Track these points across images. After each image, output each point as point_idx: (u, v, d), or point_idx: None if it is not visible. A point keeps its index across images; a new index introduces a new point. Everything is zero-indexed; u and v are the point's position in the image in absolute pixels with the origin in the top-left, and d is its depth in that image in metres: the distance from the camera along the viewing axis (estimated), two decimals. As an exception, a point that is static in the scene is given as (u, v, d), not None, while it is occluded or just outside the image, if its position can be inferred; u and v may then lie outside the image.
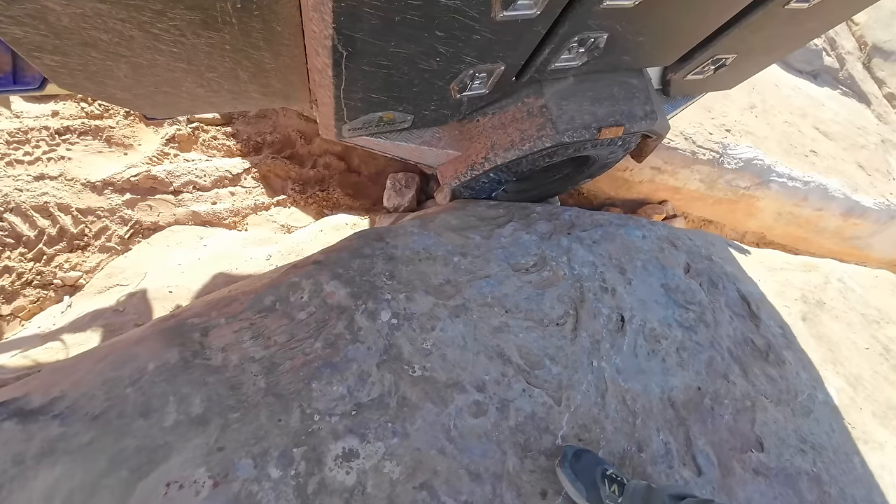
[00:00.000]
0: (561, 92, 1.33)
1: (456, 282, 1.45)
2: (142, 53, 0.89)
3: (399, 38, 0.86)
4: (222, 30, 0.87)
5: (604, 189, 2.69)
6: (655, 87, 1.65)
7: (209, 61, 0.97)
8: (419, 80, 1.06)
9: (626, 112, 1.39)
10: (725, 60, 1.44)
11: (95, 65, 0.89)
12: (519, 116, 1.34)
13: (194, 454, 0.96)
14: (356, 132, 1.25)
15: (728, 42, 1.31)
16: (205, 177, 2.09)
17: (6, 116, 1.90)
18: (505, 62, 1.10)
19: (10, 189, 1.75)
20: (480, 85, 1.19)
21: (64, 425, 0.99)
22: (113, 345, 1.27)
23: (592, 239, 1.67)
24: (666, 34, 1.23)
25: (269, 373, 1.14)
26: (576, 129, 1.33)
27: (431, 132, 1.43)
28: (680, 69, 1.48)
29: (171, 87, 1.06)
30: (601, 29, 1.08)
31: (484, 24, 0.89)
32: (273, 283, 1.41)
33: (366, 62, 0.91)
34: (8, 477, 0.90)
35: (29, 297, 1.67)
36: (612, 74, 1.38)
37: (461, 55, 0.99)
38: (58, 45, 0.81)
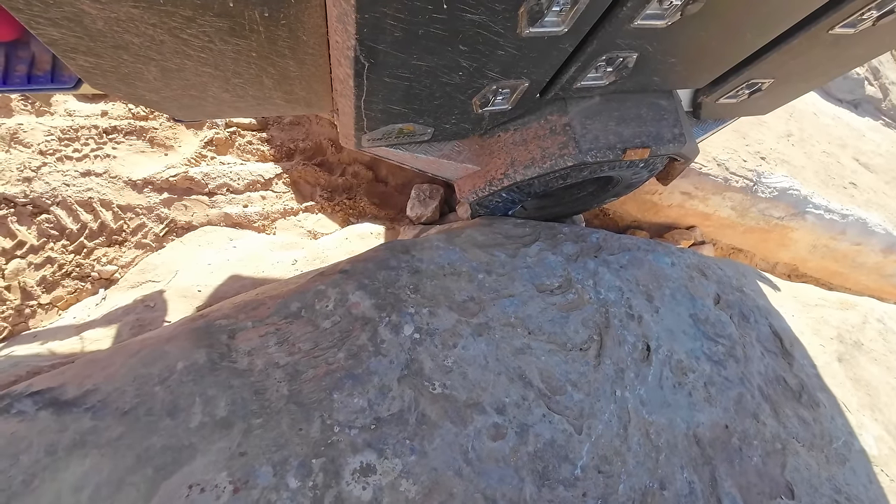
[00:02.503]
0: (586, 110, 1.31)
1: (480, 299, 1.44)
2: (171, 57, 0.92)
3: (422, 50, 0.86)
4: (249, 37, 0.90)
5: (631, 211, 2.65)
6: (686, 109, 1.61)
7: (235, 67, 1.00)
8: (441, 94, 1.05)
9: (653, 134, 1.36)
10: (761, 85, 1.39)
11: (127, 67, 0.93)
12: (541, 133, 1.33)
13: (217, 458, 0.97)
14: (375, 142, 1.25)
15: (765, 66, 1.27)
16: (238, 180, 2.15)
17: (60, 115, 2.01)
18: (529, 78, 1.09)
19: (58, 183, 1.84)
20: (503, 100, 1.18)
21: (95, 419, 1.02)
22: (144, 341, 1.31)
23: (620, 263, 1.64)
24: (699, 56, 1.19)
25: (293, 380, 1.15)
26: (600, 149, 1.30)
27: (451, 145, 1.42)
28: (712, 92, 1.44)
29: (198, 91, 1.09)
30: (631, 49, 1.05)
31: (509, 39, 0.88)
32: (299, 289, 1.43)
33: (387, 74, 0.91)
34: (41, 466, 0.93)
35: (67, 288, 1.74)
36: (640, 95, 1.36)
37: (484, 70, 0.99)
38: (91, 48, 0.85)
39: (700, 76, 1.35)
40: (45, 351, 1.54)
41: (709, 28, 1.05)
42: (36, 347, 1.56)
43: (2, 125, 1.90)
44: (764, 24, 1.09)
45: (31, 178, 1.82)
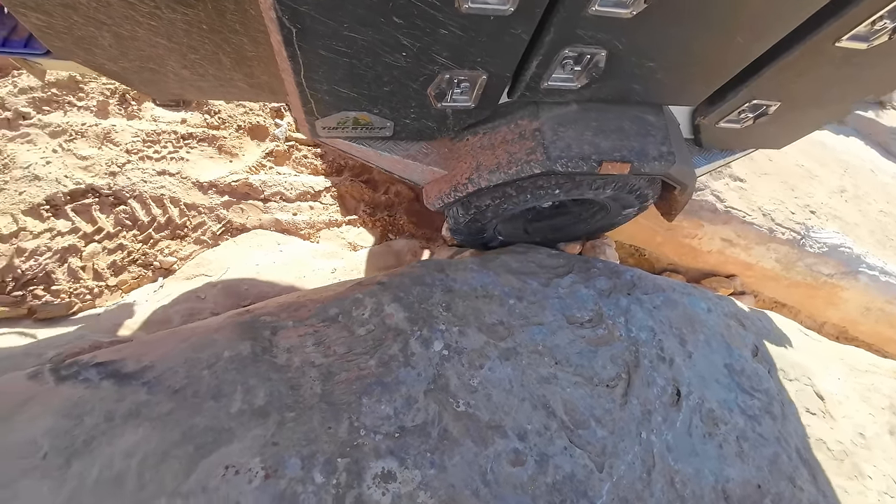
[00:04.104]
0: (560, 117, 1.22)
1: (509, 324, 1.47)
2: (121, 23, 0.93)
3: (352, 19, 0.80)
4: (196, 6, 0.90)
5: (668, 254, 2.61)
6: (686, 136, 1.48)
7: (188, 41, 1.00)
8: (389, 79, 0.98)
9: (636, 149, 1.23)
10: (767, 108, 1.25)
11: (80, 30, 0.94)
12: (510, 138, 1.24)
13: (252, 444, 1.03)
14: (332, 132, 1.16)
15: (765, 84, 1.15)
16: (291, 189, 2.31)
17: (146, 119, 2.26)
18: (486, 70, 1.00)
19: (137, 179, 2.06)
20: (464, 95, 1.09)
21: (150, 393, 1.11)
22: (195, 328, 1.42)
23: (653, 304, 1.63)
24: (682, 63, 1.08)
25: (326, 380, 1.22)
26: (571, 159, 1.19)
27: (418, 146, 1.33)
28: (710, 113, 1.31)
29: (157, 65, 1.09)
30: (597, 43, 0.96)
31: (449, 15, 0.82)
32: (338, 295, 1.52)
33: (321, 45, 0.85)
34: (100, 430, 1.03)
35: (132, 274, 1.91)
36: (623, 107, 1.26)
37: (431, 53, 0.91)
38: (39, 3, 0.87)
39: (690, 90, 1.23)
40: (106, 328, 1.69)
41: (686, 26, 0.94)
42: (99, 324, 1.71)
43: (98, 125, 2.15)
44: (753, 27, 0.97)
45: (115, 172, 2.05)
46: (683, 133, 1.46)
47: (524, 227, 1.86)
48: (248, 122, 2.42)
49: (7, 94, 2.08)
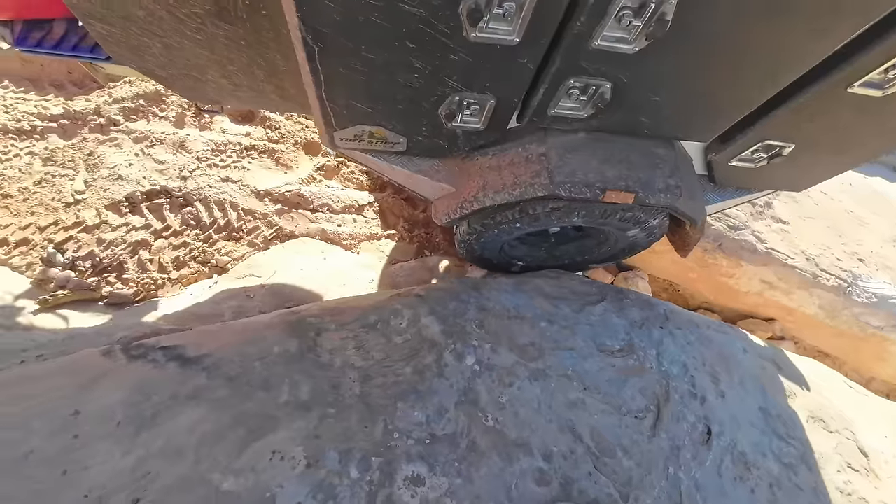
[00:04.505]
0: (567, 144, 1.24)
1: (540, 346, 1.51)
2: (171, 35, 1.04)
3: (369, 41, 0.86)
4: (236, 24, 1.00)
5: (703, 291, 2.57)
6: (700, 171, 1.48)
7: (228, 53, 1.10)
8: (402, 97, 1.03)
9: (642, 180, 1.24)
10: (781, 150, 1.24)
11: (135, 40, 1.07)
12: (517, 161, 1.28)
13: (296, 434, 1.11)
14: (349, 143, 1.23)
15: (777, 126, 1.14)
16: (338, 202, 2.46)
17: (216, 131, 2.49)
18: (495, 95, 1.04)
19: (204, 184, 2.26)
20: (473, 117, 1.13)
21: (209, 378, 1.22)
22: (247, 323, 1.54)
23: (687, 339, 1.62)
24: (688, 100, 1.09)
25: (364, 382, 1.29)
26: (575, 185, 1.21)
27: (430, 163, 1.38)
28: (721, 150, 1.31)
29: (199, 74, 1.21)
30: (601, 76, 0.98)
31: (458, 42, 0.86)
32: (378, 304, 1.61)
33: (341, 63, 0.90)
34: (165, 406, 1.14)
35: (191, 269, 2.09)
36: (632, 139, 1.27)
37: (441, 76, 0.96)
38: (104, 15, 1.00)
39: (698, 127, 1.23)
40: (165, 316, 1.85)
41: (690, 65, 0.96)
42: (159, 312, 1.87)
43: (175, 134, 2.40)
44: (759, 71, 0.97)
45: (186, 177, 2.27)
46: (697, 169, 1.48)
47: (547, 251, 1.89)
48: (304, 138, 2.62)
49: (103, 103, 2.36)
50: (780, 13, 0.83)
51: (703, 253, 2.32)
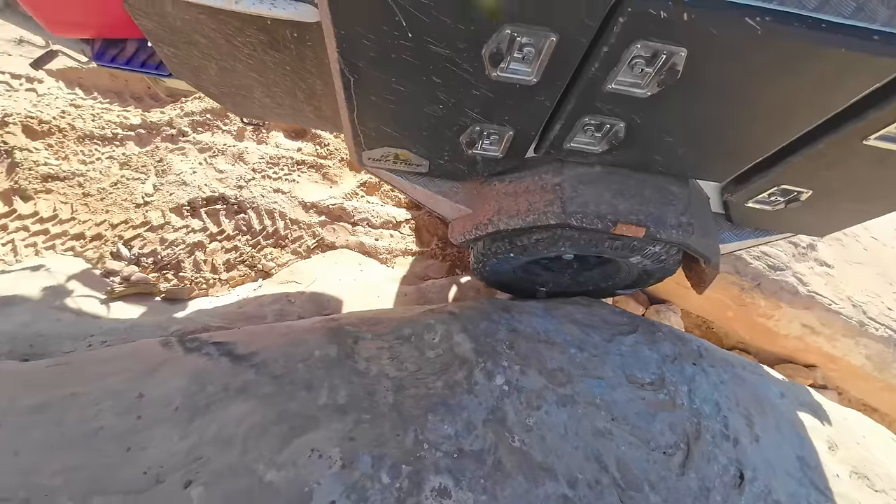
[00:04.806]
0: (582, 176, 1.28)
1: (569, 372, 1.53)
2: (226, 59, 1.19)
3: (399, 75, 0.93)
4: (284, 52, 1.12)
5: (738, 330, 2.50)
6: (716, 210, 1.50)
7: (274, 76, 1.23)
8: (427, 125, 1.10)
9: (654, 215, 1.27)
10: (798, 195, 1.25)
11: (196, 61, 1.23)
12: (532, 189, 1.32)
13: (333, 435, 1.18)
14: (375, 163, 1.31)
15: (793, 172, 1.15)
16: (377, 217, 2.59)
17: (271, 145, 2.69)
18: (513, 127, 1.10)
19: (257, 194, 2.44)
20: (492, 146, 1.19)
21: (257, 375, 1.32)
22: (291, 326, 1.64)
23: (720, 378, 1.60)
24: (700, 143, 1.12)
25: (398, 392, 1.35)
26: (587, 216, 1.25)
27: (450, 185, 1.44)
28: (737, 191, 1.32)
29: (246, 92, 1.36)
30: (615, 116, 1.02)
31: (480, 79, 0.92)
32: (412, 318, 1.68)
33: (372, 93, 0.99)
34: (217, 398, 1.24)
35: (240, 272, 2.24)
36: (646, 175, 1.30)
37: (463, 108, 1.02)
38: (172, 40, 1.15)
39: (711, 168, 1.26)
40: (214, 314, 1.98)
41: (700, 110, 0.99)
42: (209, 309, 2.01)
43: (235, 146, 2.61)
44: (769, 119, 1.00)
45: (242, 186, 2.45)
46: (714, 207, 1.49)
47: (571, 277, 1.91)
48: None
49: (175, 116, 2.61)
50: (787, 72, 0.87)
51: (740, 291, 2.28)
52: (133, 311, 1.96)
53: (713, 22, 0.78)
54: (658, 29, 0.80)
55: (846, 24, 0.80)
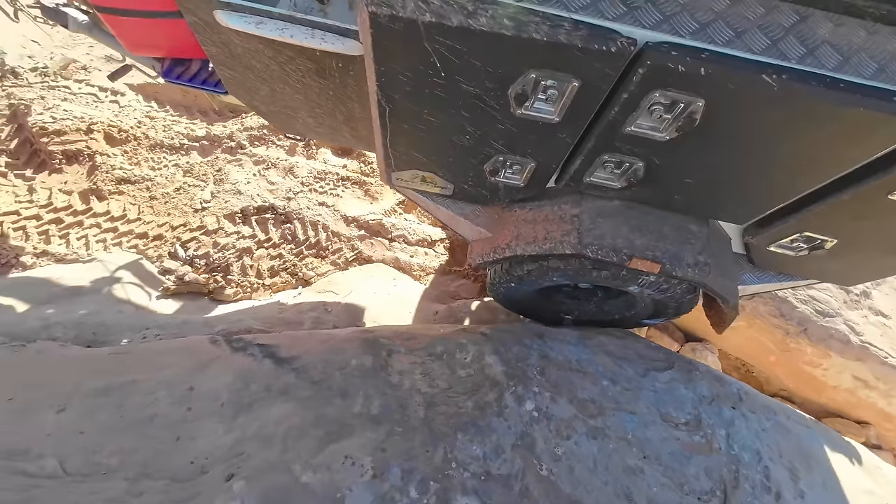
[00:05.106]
0: (601, 209, 1.31)
1: (600, 404, 1.51)
2: (277, 83, 1.31)
3: (430, 107, 1.00)
4: (329, 79, 1.23)
5: (780, 377, 2.38)
6: (738, 250, 1.48)
7: (317, 100, 1.35)
8: (453, 153, 1.16)
9: (670, 252, 1.27)
10: (822, 243, 1.23)
11: (250, 83, 1.35)
12: (551, 217, 1.36)
13: (366, 444, 1.22)
14: (403, 183, 1.39)
15: (815, 220, 1.13)
16: (413, 235, 2.67)
17: (319, 161, 2.85)
18: (535, 160, 1.14)
19: (303, 206, 2.58)
20: (515, 175, 1.23)
21: (297, 378, 1.38)
22: (331, 335, 1.71)
23: (761, 425, 1.53)
24: (719, 186, 1.13)
25: (429, 408, 1.38)
26: (602, 248, 1.26)
27: (472, 208, 1.50)
28: (758, 234, 1.31)
29: (292, 112, 1.48)
30: (634, 156, 1.05)
31: (505, 116, 0.98)
32: (444, 336, 1.71)
33: (405, 121, 1.06)
34: (260, 397, 1.31)
35: (282, 279, 2.35)
36: (666, 213, 1.31)
37: (488, 139, 1.08)
38: (232, 64, 1.28)
39: (731, 211, 1.27)
40: (256, 317, 2.09)
41: (718, 156, 1.00)
42: (252, 312, 2.12)
43: (287, 160, 2.78)
44: (788, 168, 1.00)
45: (291, 198, 2.60)
46: (735, 248, 1.48)
47: (596, 306, 1.90)
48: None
49: (236, 130, 2.82)
50: (804, 127, 0.88)
51: (784, 336, 2.18)
52: (184, 309, 2.10)
53: (730, 77, 0.81)
54: (676, 80, 0.83)
55: (865, 85, 0.80)
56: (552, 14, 0.79)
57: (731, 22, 0.81)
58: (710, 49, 0.80)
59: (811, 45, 0.82)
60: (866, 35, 0.82)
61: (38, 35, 2.89)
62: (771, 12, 0.82)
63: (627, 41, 0.79)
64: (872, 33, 0.82)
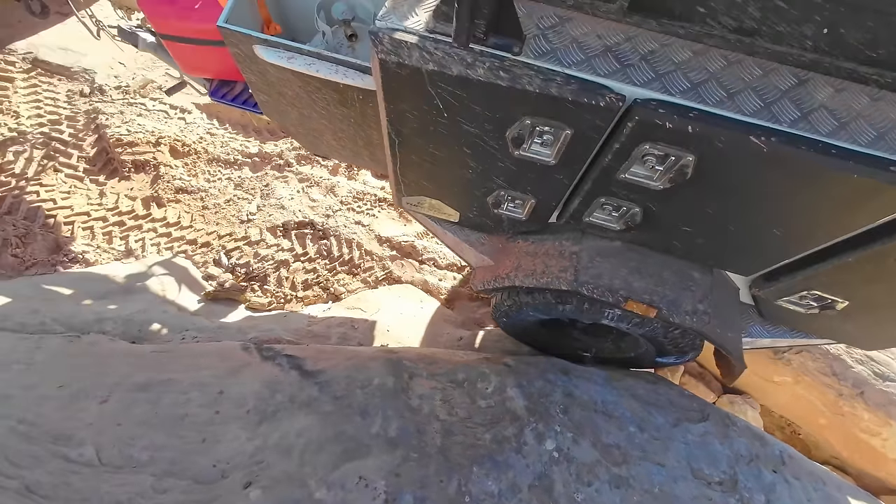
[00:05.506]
0: (601, 248, 1.31)
1: (626, 452, 1.43)
2: (305, 108, 1.43)
3: (435, 143, 1.06)
4: (351, 108, 1.33)
5: (831, 442, 2.16)
6: (746, 300, 1.42)
7: (341, 125, 1.46)
8: (457, 184, 1.22)
9: (668, 298, 1.25)
10: (833, 304, 1.17)
11: (282, 106, 1.48)
12: (551, 252, 1.37)
13: (381, 466, 1.21)
14: (412, 207, 1.46)
15: (824, 279, 1.09)
16: (443, 259, 2.70)
17: (359, 182, 2.97)
18: (535, 197, 1.18)
19: (340, 224, 2.69)
20: (516, 209, 1.27)
21: (320, 392, 1.41)
22: (356, 352, 1.74)
23: (808, 495, 1.39)
24: (719, 237, 1.11)
25: (446, 436, 1.36)
26: (598, 287, 1.26)
27: (478, 236, 1.54)
28: (765, 288, 1.26)
29: (318, 135, 1.61)
30: (630, 201, 1.06)
31: (504, 155, 1.02)
32: (467, 363, 1.70)
33: (413, 153, 1.13)
34: (283, 407, 1.34)
35: (314, 292, 2.44)
36: (668, 258, 1.30)
37: (490, 175, 1.13)
38: (266, 89, 1.41)
39: (733, 262, 1.24)
40: (287, 327, 2.16)
41: (714, 208, 1.00)
42: (283, 323, 2.20)
43: (329, 180, 2.92)
44: (787, 227, 0.98)
45: (329, 215, 2.72)
46: (744, 297, 1.43)
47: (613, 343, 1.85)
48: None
49: (285, 149, 3.01)
50: (796, 188, 0.86)
51: (837, 397, 2.00)
52: (221, 313, 2.21)
53: (717, 136, 0.81)
54: (665, 136, 0.84)
55: (861, 152, 0.79)
56: (546, 68, 0.84)
57: (724, 82, 0.83)
58: (698, 108, 0.82)
59: (806, 109, 0.82)
60: (869, 101, 0.82)
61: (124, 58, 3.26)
62: (768, 74, 0.83)
63: (616, 97, 0.82)
64: (876, 100, 0.82)
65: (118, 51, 3.13)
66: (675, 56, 0.84)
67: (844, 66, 0.79)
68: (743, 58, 0.84)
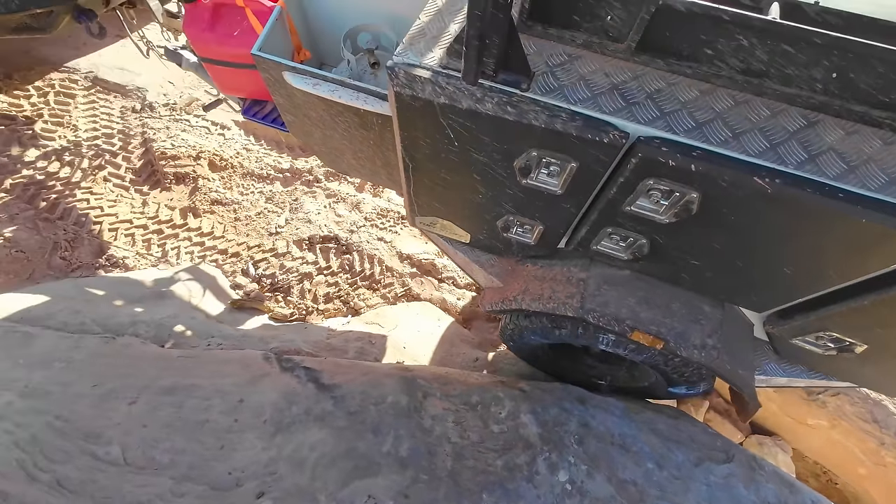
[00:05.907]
0: (608, 277, 1.30)
1: (643, 489, 1.38)
2: (327, 129, 1.53)
3: (446, 169, 1.10)
4: (370, 130, 1.42)
5: (872, 495, 2.01)
6: (761, 337, 1.36)
7: (361, 146, 1.56)
8: (468, 208, 1.26)
9: (676, 330, 1.23)
10: (851, 346, 1.12)
11: (307, 126, 1.58)
12: (559, 278, 1.37)
13: (390, 486, 1.22)
14: (425, 226, 1.50)
15: (840, 321, 1.05)
16: (462, 278, 2.71)
17: (383, 199, 3.05)
18: (543, 223, 1.19)
19: (363, 239, 2.75)
20: (525, 234, 1.28)
21: (335, 407, 1.44)
22: (372, 367, 1.76)
23: (842, 552, 1.30)
24: (726, 273, 1.08)
25: (457, 459, 1.35)
26: (604, 315, 1.25)
27: (488, 257, 1.57)
28: (779, 325, 1.22)
29: (339, 154, 1.71)
30: (637, 232, 1.06)
31: (512, 183, 1.05)
32: (481, 385, 1.69)
33: (425, 177, 1.17)
34: (299, 419, 1.37)
35: (335, 306, 2.49)
36: (677, 289, 1.28)
37: (499, 200, 1.15)
38: (293, 111, 1.51)
39: (743, 297, 1.21)
40: (306, 339, 2.21)
41: (721, 244, 0.98)
42: (303, 334, 2.25)
43: (354, 196, 3.01)
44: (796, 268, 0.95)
45: (353, 230, 2.79)
46: (758, 333, 1.38)
47: (627, 371, 1.82)
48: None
49: (315, 165, 3.13)
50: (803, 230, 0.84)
51: (878, 446, 1.86)
52: (245, 322, 2.28)
53: (721, 176, 0.81)
54: (668, 172, 0.85)
55: (869, 197, 0.77)
56: (552, 105, 0.87)
57: (730, 122, 0.83)
58: (701, 147, 0.82)
59: (814, 151, 0.81)
60: (881, 145, 0.80)
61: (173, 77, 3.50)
62: (776, 115, 0.83)
63: (620, 134, 0.84)
64: (889, 144, 0.80)
65: (168, 71, 3.37)
66: (681, 95, 0.85)
67: (856, 110, 0.78)
68: (751, 98, 0.84)
